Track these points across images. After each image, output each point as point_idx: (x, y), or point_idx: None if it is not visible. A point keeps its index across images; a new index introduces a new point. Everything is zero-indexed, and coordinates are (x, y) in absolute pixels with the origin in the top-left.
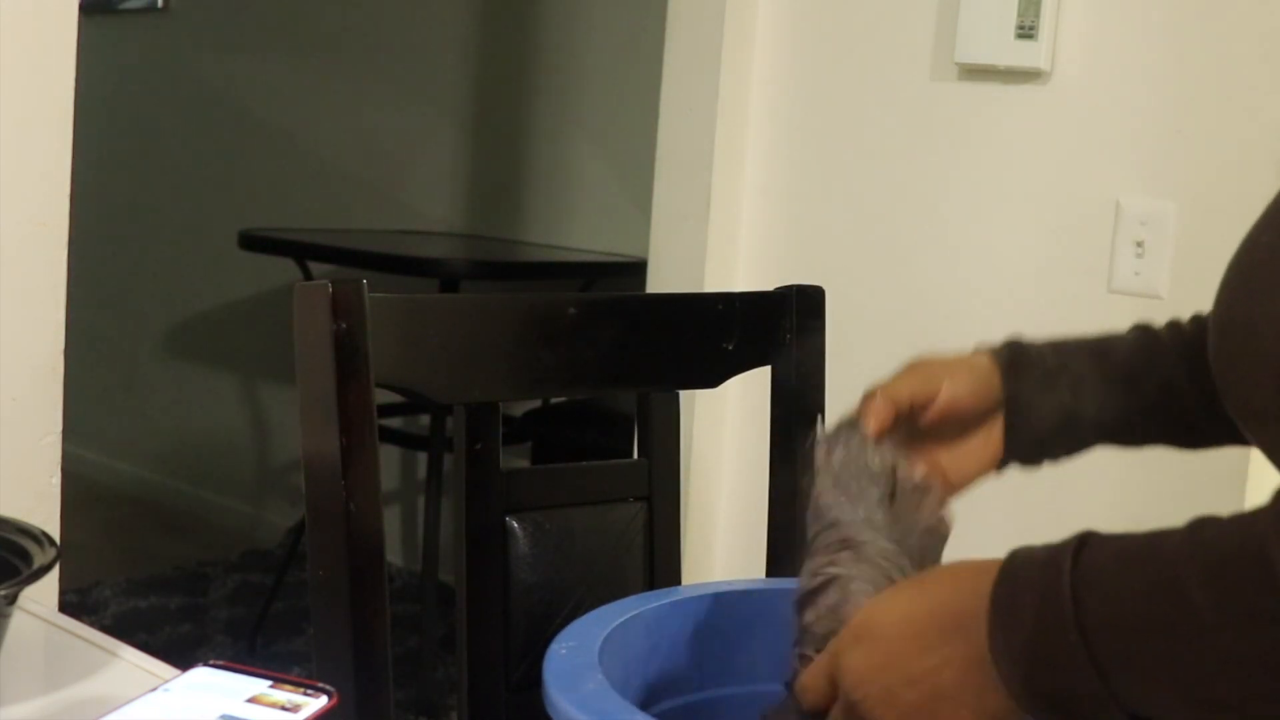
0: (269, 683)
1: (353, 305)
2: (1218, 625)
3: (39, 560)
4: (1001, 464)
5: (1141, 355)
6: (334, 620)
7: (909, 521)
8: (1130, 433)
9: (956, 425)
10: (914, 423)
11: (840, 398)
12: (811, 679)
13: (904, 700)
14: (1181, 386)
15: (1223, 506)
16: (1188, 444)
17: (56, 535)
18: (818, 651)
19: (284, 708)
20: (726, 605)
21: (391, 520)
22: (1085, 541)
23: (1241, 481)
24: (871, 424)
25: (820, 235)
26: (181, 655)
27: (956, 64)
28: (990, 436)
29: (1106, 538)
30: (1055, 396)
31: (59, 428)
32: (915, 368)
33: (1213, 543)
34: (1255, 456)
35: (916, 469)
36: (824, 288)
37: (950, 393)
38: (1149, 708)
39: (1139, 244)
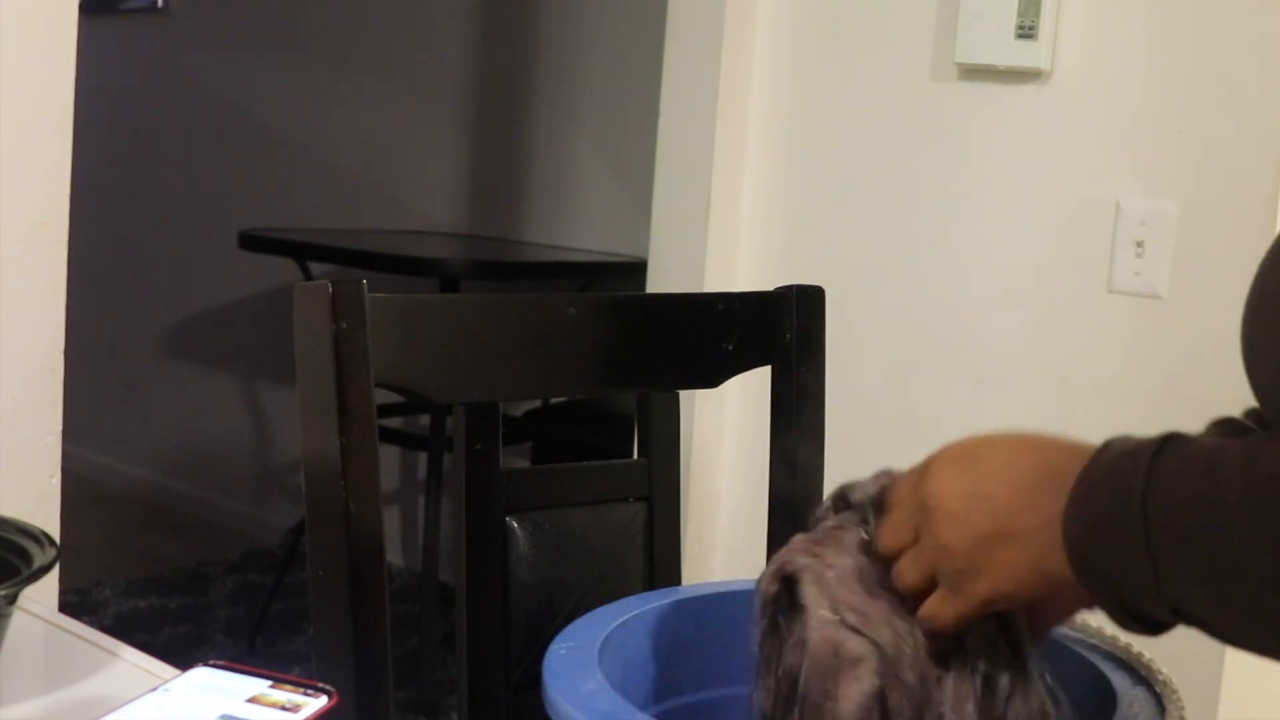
0: (269, 683)
1: (353, 305)
2: (1258, 547)
3: (39, 560)
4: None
5: None
6: (334, 620)
7: None
8: None
9: None
10: None
11: (840, 398)
12: (902, 484)
13: (974, 524)
14: None
15: None
16: None
17: (56, 535)
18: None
19: (284, 708)
20: (726, 605)
21: (391, 520)
22: (1168, 442)
23: None
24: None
25: (820, 235)
26: (181, 655)
27: (956, 64)
28: None
29: (1184, 443)
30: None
31: (59, 428)
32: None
33: (1264, 465)
34: None
35: None
36: (824, 288)
37: None
38: (1191, 606)
39: (1139, 244)
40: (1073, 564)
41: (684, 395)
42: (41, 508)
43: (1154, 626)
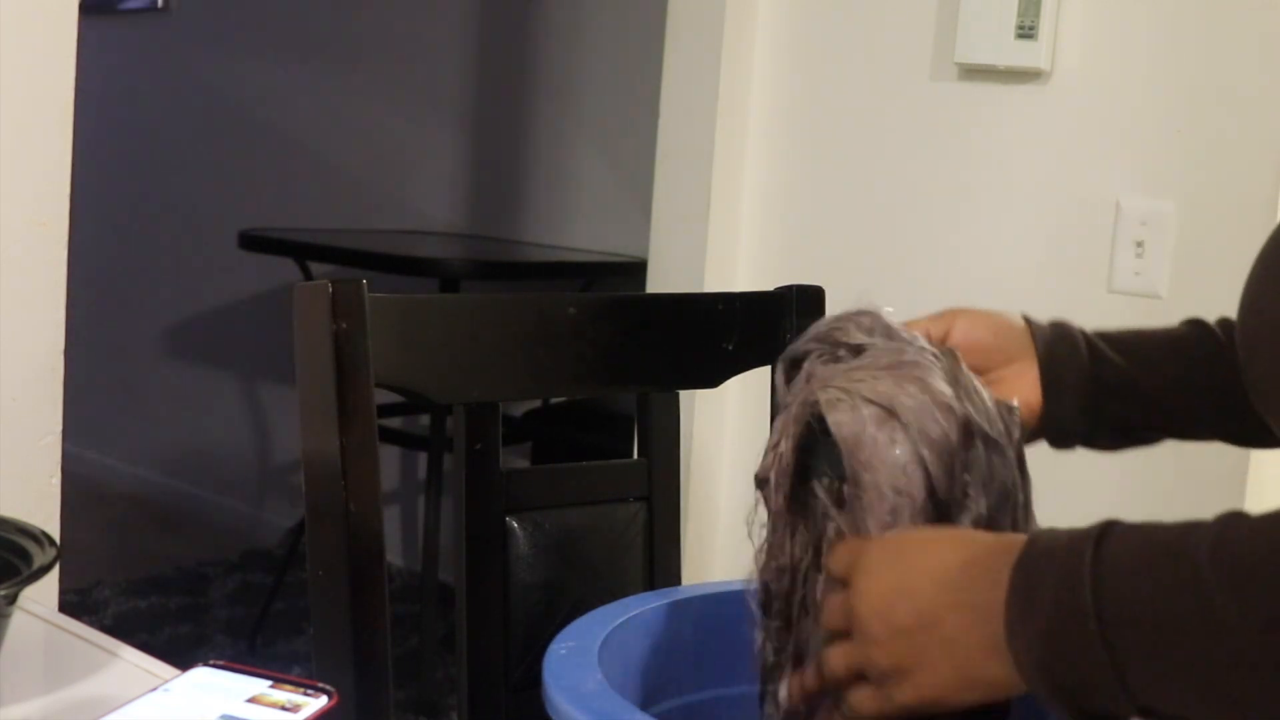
0: (269, 683)
1: (353, 305)
2: (1240, 628)
3: (39, 560)
4: (1041, 428)
5: (1206, 340)
6: (334, 620)
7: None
8: (1189, 415)
9: (976, 368)
10: None
11: None
12: (837, 557)
13: (898, 618)
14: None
15: (1223, 506)
16: (1240, 438)
17: (56, 535)
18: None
19: (284, 708)
20: (726, 605)
21: (391, 520)
22: (1108, 530)
23: (1241, 481)
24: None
25: (820, 235)
26: (181, 655)
27: (956, 64)
28: (1020, 383)
29: (1130, 528)
30: (1104, 362)
31: (59, 428)
32: (937, 315)
33: (1239, 542)
34: (1255, 457)
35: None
36: (824, 288)
37: (967, 329)
38: (1162, 703)
39: (1139, 244)
40: (1025, 677)
41: (684, 395)
42: (41, 508)
43: None
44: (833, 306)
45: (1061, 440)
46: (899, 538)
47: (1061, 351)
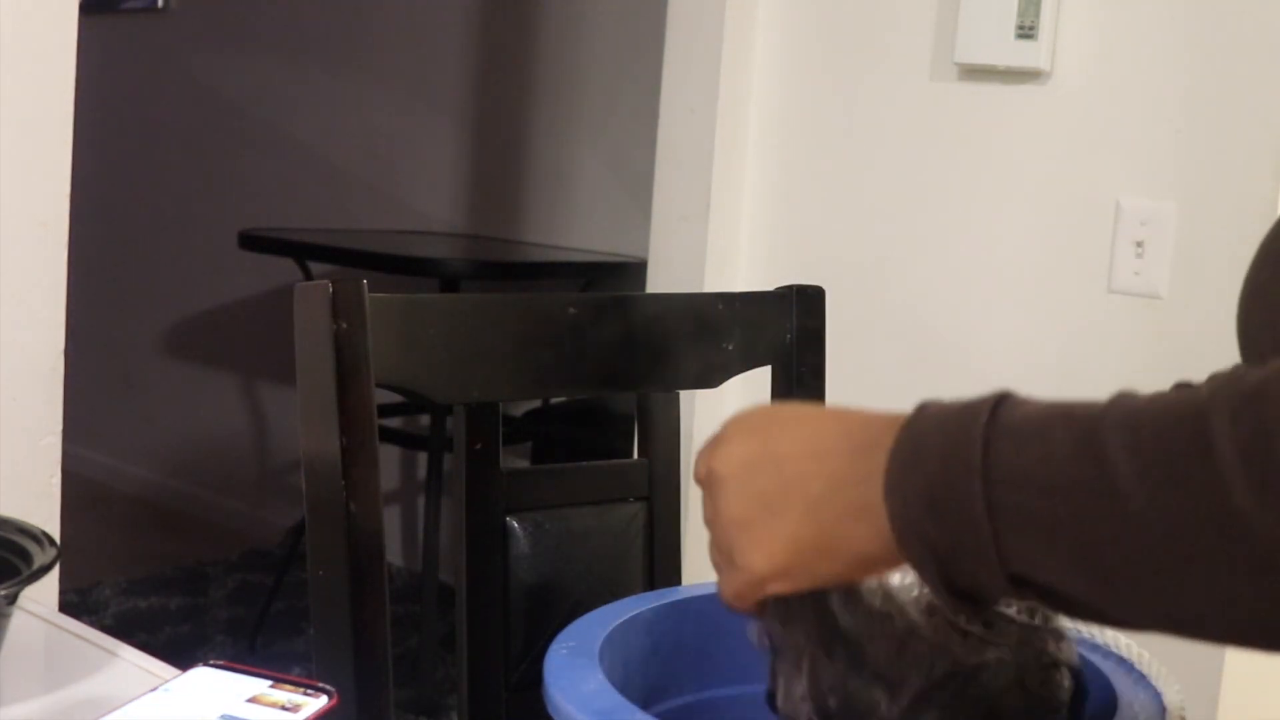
0: (269, 683)
1: (353, 305)
2: (1132, 489)
3: (39, 560)
4: None
5: None
6: (334, 620)
7: None
8: None
9: None
10: None
11: (840, 398)
12: (699, 458)
13: (756, 486)
14: None
15: None
16: None
17: (56, 535)
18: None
19: (284, 708)
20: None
21: (391, 520)
22: (1006, 397)
23: None
24: None
25: (820, 235)
26: (181, 655)
27: (956, 64)
28: None
29: (1028, 398)
30: None
31: (59, 428)
32: None
33: (1144, 409)
34: None
35: None
36: (824, 288)
37: None
38: (1035, 571)
39: (1139, 244)
40: (896, 533)
41: (684, 395)
42: (41, 508)
43: (979, 601)
44: (833, 306)
45: None
46: (767, 408)
47: None
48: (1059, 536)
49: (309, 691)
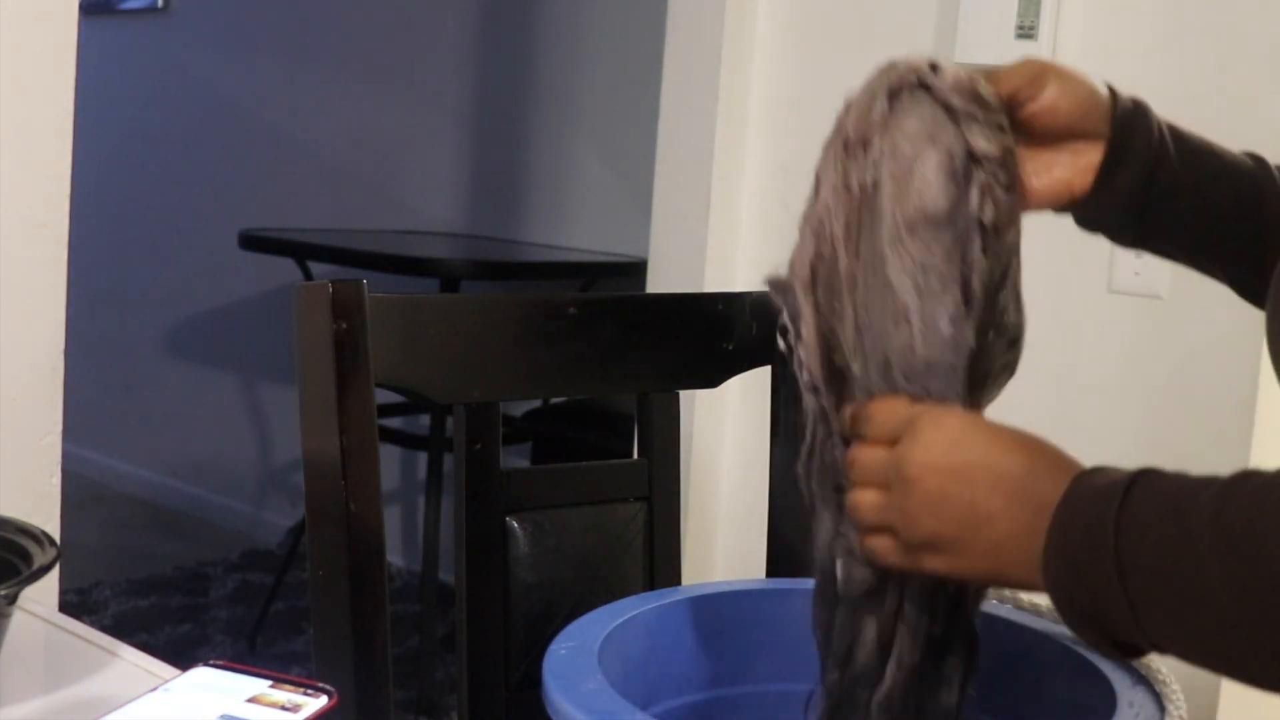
0: (269, 683)
1: (353, 305)
2: (1221, 590)
3: (39, 560)
4: (1080, 206)
5: (1261, 176)
6: (334, 620)
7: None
8: (1215, 242)
9: (1049, 134)
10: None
11: None
12: (884, 416)
13: (947, 513)
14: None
15: (1229, 463)
16: (1246, 289)
17: (56, 535)
18: None
19: (284, 708)
20: (726, 605)
21: (391, 520)
22: (1138, 479)
23: (1246, 440)
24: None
25: None
26: (181, 655)
27: (956, 64)
28: (1078, 162)
29: (1156, 479)
30: (1167, 161)
31: (59, 428)
32: (1028, 63)
33: (1238, 510)
34: (1256, 440)
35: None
36: None
37: (1055, 96)
38: (1167, 644)
39: None
40: (1057, 604)
41: (684, 395)
42: (41, 508)
43: (1136, 652)
44: None
45: (1092, 217)
46: (960, 420)
47: (1137, 134)
48: (1173, 619)
49: (309, 691)
